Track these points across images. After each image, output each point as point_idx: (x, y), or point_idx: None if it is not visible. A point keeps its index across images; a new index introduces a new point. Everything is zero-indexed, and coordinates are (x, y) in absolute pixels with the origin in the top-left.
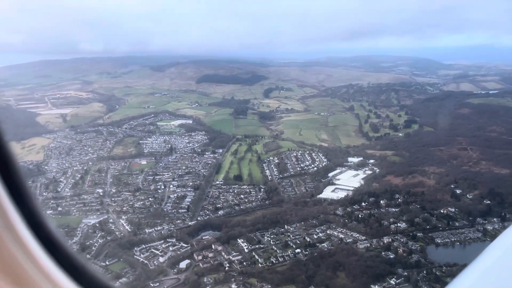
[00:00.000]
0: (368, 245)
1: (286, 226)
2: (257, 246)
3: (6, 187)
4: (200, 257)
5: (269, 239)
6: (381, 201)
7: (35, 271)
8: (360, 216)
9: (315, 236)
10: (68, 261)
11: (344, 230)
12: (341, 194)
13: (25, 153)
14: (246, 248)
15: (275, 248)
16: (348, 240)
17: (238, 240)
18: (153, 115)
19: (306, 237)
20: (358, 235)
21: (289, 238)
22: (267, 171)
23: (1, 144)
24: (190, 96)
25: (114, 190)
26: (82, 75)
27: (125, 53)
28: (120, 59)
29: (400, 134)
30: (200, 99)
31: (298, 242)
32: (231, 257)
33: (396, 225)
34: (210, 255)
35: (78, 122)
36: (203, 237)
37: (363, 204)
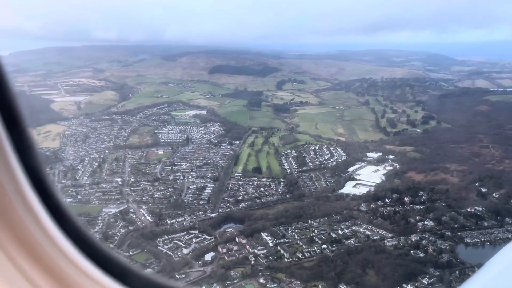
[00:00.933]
0: (396, 242)
1: (309, 221)
2: (281, 240)
3: (26, 172)
4: (224, 250)
5: (293, 233)
6: (405, 198)
7: (64, 261)
8: (384, 212)
9: (340, 232)
10: (86, 243)
11: (370, 226)
12: (363, 190)
13: (41, 139)
14: (271, 242)
15: (300, 243)
16: (375, 237)
17: (262, 233)
18: (167, 105)
19: (331, 233)
20: (384, 232)
21: (313, 233)
22: (286, 164)
23: (21, 128)
24: (203, 86)
25: (132, 180)
26: (93, 62)
27: (136, 41)
28: (130, 48)
29: (418, 130)
30: (213, 90)
31: (324, 237)
32: (256, 251)
33: (423, 223)
34: (235, 248)
35: (92, 110)
36: (226, 230)
37: (386, 200)
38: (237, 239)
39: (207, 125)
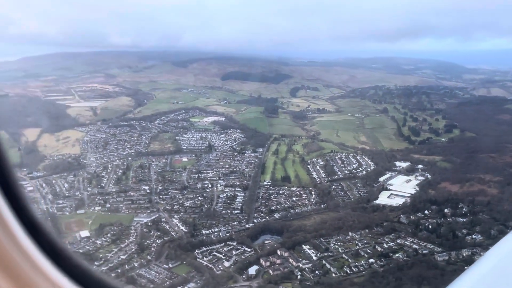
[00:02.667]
0: (447, 257)
1: (350, 233)
2: (325, 253)
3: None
4: (267, 263)
5: (336, 246)
6: (445, 210)
7: (32, 270)
8: (428, 225)
9: (385, 246)
10: (65, 261)
11: (416, 240)
12: (398, 201)
13: (60, 146)
14: (314, 255)
15: (346, 257)
16: (424, 252)
17: (303, 246)
18: (183, 111)
19: (376, 246)
20: (432, 246)
21: (358, 246)
22: (314, 173)
23: None
24: (217, 92)
25: (160, 188)
26: (103, 68)
27: (144, 47)
28: (138, 54)
29: (443, 139)
30: (227, 96)
31: (369, 251)
32: (300, 265)
33: (471, 236)
34: (278, 261)
35: (108, 116)
36: (265, 242)
37: (426, 212)
38: (278, 252)
39: (227, 131)
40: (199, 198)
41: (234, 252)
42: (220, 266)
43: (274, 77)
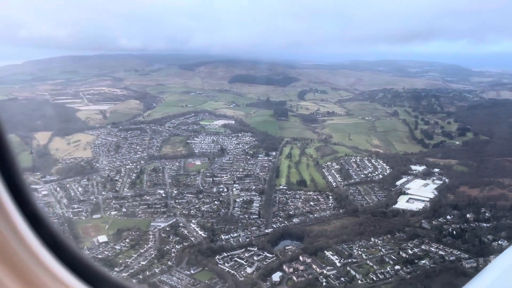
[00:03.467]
0: (475, 264)
1: (372, 239)
2: (349, 260)
3: (7, 186)
4: (291, 269)
5: (359, 252)
6: (467, 215)
7: (35, 264)
8: (451, 231)
9: (410, 252)
10: (68, 255)
11: (441, 246)
12: (417, 205)
13: (71, 149)
14: (338, 262)
15: (370, 263)
16: (450, 258)
17: (325, 252)
18: (193, 114)
19: (400, 252)
20: (458, 252)
21: (381, 252)
22: (329, 177)
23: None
24: (225, 96)
25: (175, 192)
26: (109, 71)
27: (149, 51)
28: (144, 57)
29: (457, 142)
30: (236, 99)
31: (394, 257)
32: (324, 271)
33: (497, 242)
34: (301, 267)
35: (118, 119)
36: (286, 247)
37: (448, 217)
38: (301, 258)
39: (238, 135)
40: (216, 202)
41: (255, 258)
42: (242, 272)
43: (282, 80)
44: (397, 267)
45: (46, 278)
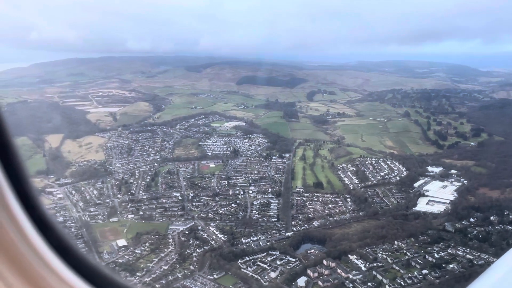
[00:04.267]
0: None
1: (396, 242)
2: (374, 264)
3: (15, 190)
4: (315, 274)
5: (384, 256)
6: (491, 217)
7: (41, 265)
8: (477, 233)
9: (436, 255)
10: (74, 257)
11: (468, 249)
12: (438, 207)
13: (84, 151)
14: (363, 266)
15: (397, 267)
16: (479, 262)
17: (349, 256)
18: (203, 116)
19: (426, 256)
20: (487, 256)
21: (407, 256)
22: (346, 179)
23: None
24: (233, 97)
25: (192, 194)
26: (116, 73)
27: (154, 53)
28: (149, 59)
29: (472, 143)
30: (244, 101)
31: (420, 261)
32: (350, 276)
33: None
34: (326, 272)
35: (128, 121)
36: (308, 251)
37: (471, 220)
38: (325, 262)
39: (250, 136)
40: (233, 205)
41: (278, 262)
42: (266, 277)
43: (289, 81)
44: (424, 271)
45: (53, 280)
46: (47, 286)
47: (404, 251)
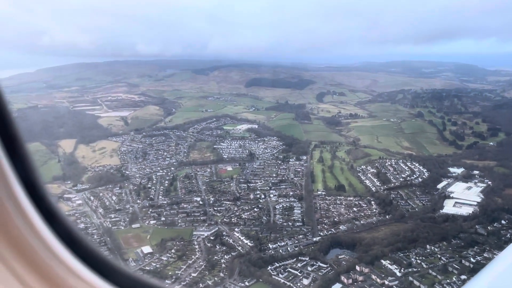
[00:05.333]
0: None
1: (428, 246)
2: (409, 269)
3: (22, 182)
4: (349, 281)
5: (418, 261)
6: None
7: (52, 259)
8: (511, 236)
9: (472, 260)
10: (84, 250)
11: None
12: (466, 210)
13: (98, 156)
14: (398, 271)
15: (433, 273)
16: None
17: (382, 261)
18: (215, 119)
19: (462, 261)
20: None
21: (442, 261)
22: (367, 181)
23: (12, 131)
24: (243, 100)
25: (212, 199)
26: (123, 78)
27: (159, 56)
28: (155, 62)
29: (491, 143)
30: (254, 103)
31: (456, 266)
32: (386, 282)
33: None
34: (360, 278)
35: (140, 125)
36: (339, 256)
37: (502, 222)
38: (357, 268)
39: (264, 139)
40: (255, 209)
41: (309, 268)
42: (299, 284)
43: (297, 82)
44: (463, 276)
45: (63, 272)
46: (56, 276)
47: (438, 256)
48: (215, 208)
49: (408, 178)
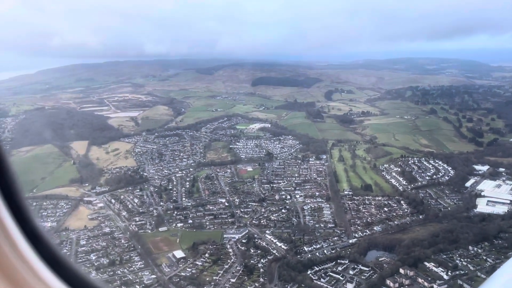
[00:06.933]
0: None
1: (470, 247)
2: (456, 272)
3: (7, 203)
4: (396, 285)
5: (463, 263)
6: None
7: (32, 277)
8: None
9: None
10: (64, 269)
11: None
12: (500, 209)
13: (112, 158)
14: (445, 274)
15: (482, 275)
16: None
17: (425, 263)
18: (226, 119)
19: None
20: None
21: (489, 262)
22: (392, 181)
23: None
24: (251, 99)
25: (237, 200)
26: (126, 78)
27: (160, 56)
28: (156, 63)
29: (511, 140)
30: (263, 102)
31: None
32: (435, 286)
33: None
34: (406, 281)
35: (151, 126)
36: (378, 258)
37: None
38: (401, 271)
39: (279, 138)
40: (283, 210)
41: (351, 272)
42: None
43: (304, 81)
44: None
45: (27, 274)
46: (20, 278)
47: (484, 257)
48: (242, 210)
49: (434, 176)
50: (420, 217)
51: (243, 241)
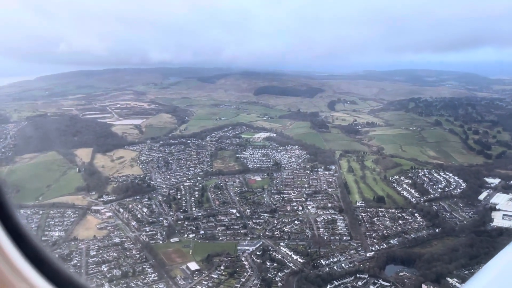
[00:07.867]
0: None
1: None
2: None
3: None
4: None
5: None
6: None
7: (17, 278)
8: None
9: None
10: (50, 268)
11: None
12: None
13: (118, 166)
14: None
15: None
16: None
17: (448, 279)
18: (230, 127)
19: None
20: None
21: None
22: (404, 193)
23: None
24: (255, 108)
25: (248, 211)
26: (127, 85)
27: (159, 64)
28: (156, 71)
29: None
30: (266, 111)
31: None
32: None
33: None
34: None
35: (155, 134)
36: (399, 273)
37: None
38: (424, 287)
39: (286, 148)
40: (296, 222)
41: (372, 287)
42: None
43: (307, 91)
44: None
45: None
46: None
47: None
48: (254, 221)
49: (446, 189)
50: (437, 230)
51: (258, 253)
